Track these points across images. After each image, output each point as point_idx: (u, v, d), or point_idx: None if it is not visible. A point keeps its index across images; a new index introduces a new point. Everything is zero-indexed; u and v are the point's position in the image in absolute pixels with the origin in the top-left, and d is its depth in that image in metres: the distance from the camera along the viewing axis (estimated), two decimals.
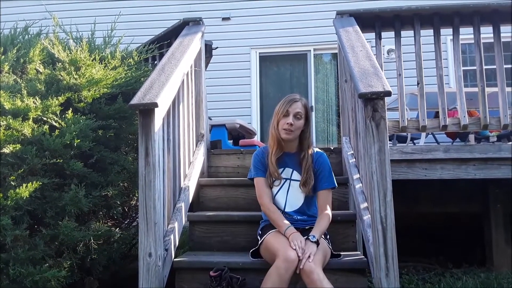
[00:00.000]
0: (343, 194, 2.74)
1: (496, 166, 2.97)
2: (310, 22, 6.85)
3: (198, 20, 3.13)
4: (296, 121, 2.20)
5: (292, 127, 2.19)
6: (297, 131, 2.23)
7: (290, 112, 2.20)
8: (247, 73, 7.09)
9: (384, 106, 1.93)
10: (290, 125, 2.19)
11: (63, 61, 2.65)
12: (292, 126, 2.19)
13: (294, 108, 2.21)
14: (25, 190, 2.06)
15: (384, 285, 1.84)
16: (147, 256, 1.93)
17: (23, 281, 2.02)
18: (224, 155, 3.23)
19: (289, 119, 2.19)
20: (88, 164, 2.39)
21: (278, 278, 1.89)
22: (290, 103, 2.22)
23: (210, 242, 2.52)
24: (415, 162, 3.01)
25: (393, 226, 1.87)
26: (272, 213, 2.17)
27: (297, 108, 2.21)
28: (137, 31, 5.68)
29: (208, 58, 3.85)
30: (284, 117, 2.21)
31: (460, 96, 2.91)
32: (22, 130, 2.22)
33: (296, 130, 2.22)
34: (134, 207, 2.85)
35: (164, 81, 2.17)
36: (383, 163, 1.89)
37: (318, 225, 2.12)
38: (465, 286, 2.89)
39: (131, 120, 2.75)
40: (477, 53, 2.94)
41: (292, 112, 2.20)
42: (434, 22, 2.98)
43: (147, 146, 1.96)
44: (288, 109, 2.20)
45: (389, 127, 2.85)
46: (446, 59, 6.36)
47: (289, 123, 2.19)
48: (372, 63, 2.20)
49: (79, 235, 2.20)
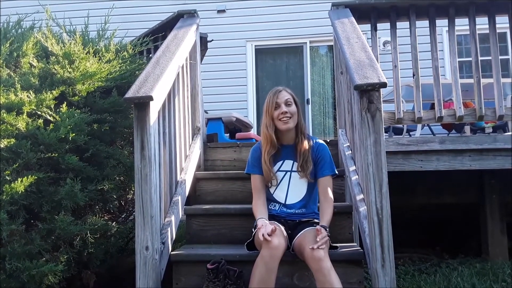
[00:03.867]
0: (339, 186, 2.74)
1: (491, 157, 2.98)
2: (306, 14, 6.83)
3: (193, 13, 3.11)
4: (288, 107, 2.22)
5: (288, 114, 2.21)
6: (295, 117, 2.24)
7: (280, 103, 2.22)
8: (243, 66, 7.06)
9: (380, 98, 1.93)
10: (285, 113, 2.20)
11: (56, 54, 2.62)
12: (287, 113, 2.21)
13: (282, 97, 2.23)
14: (21, 185, 2.05)
15: (380, 275, 1.85)
16: (144, 249, 1.93)
17: (20, 275, 2.02)
18: (221, 148, 3.23)
19: (282, 108, 2.21)
20: (83, 158, 2.38)
21: (264, 267, 1.90)
22: (276, 94, 2.25)
23: (207, 235, 2.53)
24: (411, 154, 3.02)
25: (389, 217, 1.88)
26: (254, 210, 2.23)
27: (284, 97, 2.24)
28: (131, 24, 5.65)
29: (203, 51, 3.84)
30: (276, 109, 2.22)
31: (455, 87, 2.91)
32: (16, 125, 2.21)
33: (293, 115, 2.23)
34: (130, 201, 2.85)
35: (159, 74, 2.15)
36: (378, 154, 1.90)
37: (326, 215, 2.14)
38: (461, 276, 2.91)
39: (126, 114, 2.74)
40: (472, 44, 2.94)
41: (282, 101, 2.23)
42: (429, 13, 2.97)
43: (142, 139, 1.95)
44: (276, 101, 2.23)
45: (385, 119, 2.85)
46: (442, 51, 6.36)
47: (284, 112, 2.20)
48: (368, 55, 2.20)
49: (75, 229, 2.20)
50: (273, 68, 7.28)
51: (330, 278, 1.85)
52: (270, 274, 1.90)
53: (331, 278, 1.85)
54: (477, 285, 2.73)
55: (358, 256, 2.15)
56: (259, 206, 2.22)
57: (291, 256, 2.11)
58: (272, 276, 1.90)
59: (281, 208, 2.27)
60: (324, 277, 1.85)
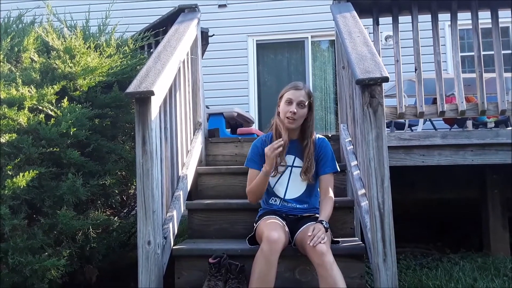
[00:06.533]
0: (341, 181, 2.74)
1: (493, 152, 2.97)
2: (307, 9, 6.78)
3: (194, 7, 3.10)
4: (299, 109, 2.18)
5: (295, 115, 2.17)
6: (300, 120, 2.21)
7: (293, 101, 2.18)
8: (244, 61, 7.04)
9: (382, 92, 1.92)
10: (293, 113, 2.16)
11: (57, 49, 2.62)
12: (295, 115, 2.17)
13: (298, 97, 2.18)
14: (22, 179, 2.05)
15: (382, 270, 1.85)
16: (146, 244, 1.93)
17: (22, 270, 2.03)
18: (222, 143, 3.23)
19: (292, 107, 2.17)
20: (85, 153, 2.38)
21: (264, 260, 1.90)
22: (294, 90, 2.19)
23: (209, 230, 2.53)
24: (412, 149, 3.01)
25: (390, 212, 1.87)
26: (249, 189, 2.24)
27: (300, 97, 2.18)
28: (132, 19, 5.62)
29: (204, 45, 3.83)
30: (288, 105, 2.18)
31: (458, 82, 2.89)
32: (17, 120, 2.21)
33: (299, 118, 2.20)
34: (132, 196, 2.85)
35: (160, 68, 2.15)
36: (380, 149, 1.89)
37: (324, 211, 2.13)
38: (463, 270, 2.92)
39: (127, 109, 2.73)
40: (475, 38, 2.92)
41: (296, 101, 2.18)
42: (432, 7, 2.95)
43: (144, 134, 1.95)
44: (291, 97, 2.18)
45: (386, 114, 2.85)
46: (444, 45, 6.32)
47: (292, 112, 2.16)
48: (370, 49, 2.18)
49: (77, 224, 2.20)
50: (275, 63, 7.26)
51: (333, 272, 1.85)
52: (270, 268, 1.89)
53: (334, 272, 1.85)
54: (479, 279, 2.73)
55: (359, 251, 2.15)
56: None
57: (293, 251, 2.11)
58: (272, 269, 1.90)
59: (282, 203, 2.27)
60: (326, 271, 1.85)
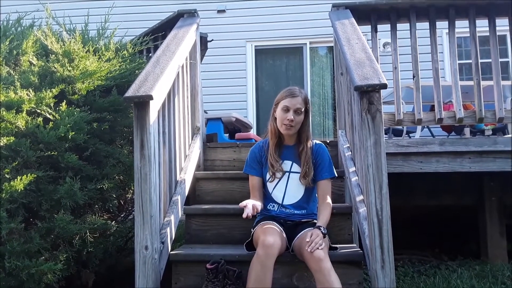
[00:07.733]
0: (339, 187, 2.74)
1: (491, 159, 2.98)
2: (306, 15, 6.82)
3: (193, 12, 3.11)
4: (296, 116, 2.18)
5: (293, 122, 2.17)
6: (297, 126, 2.21)
7: (290, 108, 2.17)
8: (243, 66, 7.06)
9: (380, 99, 1.93)
10: (290, 121, 2.16)
11: (56, 52, 2.62)
12: (292, 122, 2.17)
13: (295, 104, 2.17)
14: (20, 183, 2.04)
15: (380, 277, 1.85)
16: (144, 249, 1.92)
17: (19, 274, 2.01)
18: (220, 148, 3.22)
19: (289, 115, 2.16)
20: (83, 157, 2.38)
21: (260, 265, 1.89)
22: (291, 97, 2.18)
23: (206, 235, 2.52)
24: (410, 155, 3.01)
25: (388, 219, 1.87)
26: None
27: (297, 104, 2.18)
28: (131, 23, 5.64)
29: (203, 50, 3.84)
30: (285, 113, 2.18)
31: (455, 89, 2.91)
32: (16, 123, 2.20)
33: (297, 125, 2.20)
34: (130, 200, 2.84)
35: (159, 73, 2.15)
36: (378, 156, 1.89)
37: (322, 216, 2.12)
38: (460, 278, 2.92)
39: (126, 113, 2.73)
40: (472, 46, 2.94)
41: (293, 108, 2.17)
42: (430, 15, 2.98)
43: (142, 138, 1.94)
44: (288, 105, 2.17)
45: (385, 120, 2.85)
46: (442, 53, 6.36)
47: (289, 119, 2.16)
48: (368, 56, 2.19)
49: (75, 228, 2.19)
50: (273, 68, 7.28)
51: (330, 278, 1.85)
52: (266, 273, 1.88)
53: (331, 278, 1.85)
54: (477, 287, 2.73)
55: (357, 257, 2.14)
56: (254, 198, 2.23)
57: (291, 257, 2.11)
58: (268, 274, 1.89)
59: (280, 208, 2.26)
60: (324, 278, 1.85)
